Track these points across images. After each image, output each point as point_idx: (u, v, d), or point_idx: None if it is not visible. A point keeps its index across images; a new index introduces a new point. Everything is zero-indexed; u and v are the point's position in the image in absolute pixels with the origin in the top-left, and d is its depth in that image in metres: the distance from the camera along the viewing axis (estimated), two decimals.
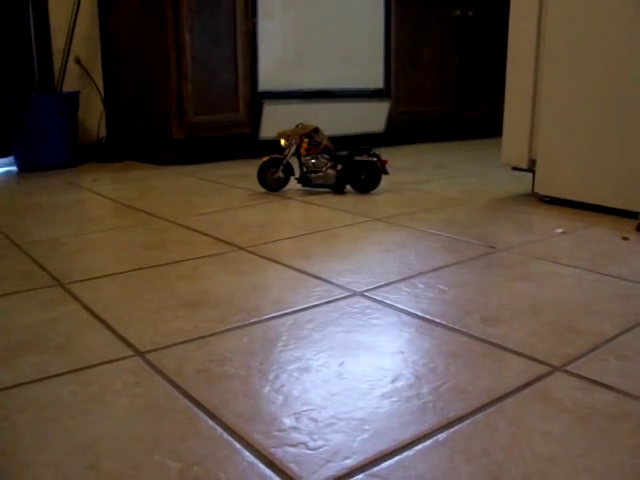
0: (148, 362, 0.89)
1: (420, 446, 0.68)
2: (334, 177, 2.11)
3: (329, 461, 0.65)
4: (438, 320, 1.03)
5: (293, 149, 2.10)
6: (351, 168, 2.10)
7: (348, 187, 2.14)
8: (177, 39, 2.71)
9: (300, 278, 1.25)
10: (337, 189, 2.12)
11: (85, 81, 3.07)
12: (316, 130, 2.11)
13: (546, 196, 1.93)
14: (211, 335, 0.98)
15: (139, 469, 0.65)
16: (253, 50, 2.90)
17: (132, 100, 3.05)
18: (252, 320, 1.03)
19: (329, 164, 2.11)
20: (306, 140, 2.09)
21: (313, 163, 2.11)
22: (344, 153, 2.11)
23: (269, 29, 2.91)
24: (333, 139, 2.21)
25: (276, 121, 2.93)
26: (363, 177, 2.10)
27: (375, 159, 2.09)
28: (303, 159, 2.11)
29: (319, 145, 2.11)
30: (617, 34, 1.66)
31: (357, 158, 2.08)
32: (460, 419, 0.73)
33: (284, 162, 2.11)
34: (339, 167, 2.10)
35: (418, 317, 1.04)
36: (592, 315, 1.04)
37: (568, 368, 0.86)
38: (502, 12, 3.56)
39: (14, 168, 2.86)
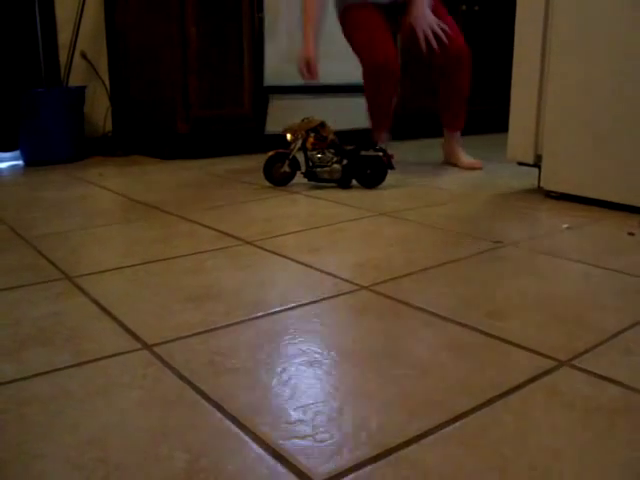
0: (155, 355, 0.89)
1: (426, 440, 0.68)
2: (340, 172, 2.10)
3: (336, 454, 0.66)
4: (444, 314, 1.03)
5: (299, 143, 2.09)
6: (357, 163, 2.10)
7: (354, 182, 2.14)
8: (183, 33, 2.71)
9: (306, 272, 1.25)
10: (343, 184, 2.12)
11: (91, 75, 3.08)
12: (322, 125, 2.11)
13: (552, 191, 1.93)
14: (218, 328, 0.98)
15: (147, 461, 0.65)
16: (259, 44, 2.89)
17: (138, 94, 3.05)
18: (259, 314, 1.04)
19: (335, 159, 2.11)
20: (312, 135, 2.09)
21: (319, 158, 2.11)
22: (350, 148, 2.11)
23: (275, 23, 2.91)
24: (339, 134, 2.21)
25: (281, 115, 2.93)
26: (369, 172, 2.10)
27: (381, 154, 2.09)
28: (309, 154, 2.11)
29: (325, 140, 2.11)
30: (624, 29, 1.66)
31: (363, 153, 2.08)
32: (466, 413, 0.73)
33: (290, 157, 2.11)
34: (345, 162, 2.10)
35: (424, 311, 1.04)
36: (598, 310, 1.04)
37: (574, 362, 0.86)
38: (508, 7, 3.55)
39: (20, 162, 2.86)
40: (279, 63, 2.95)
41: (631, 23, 1.64)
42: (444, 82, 2.50)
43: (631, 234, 1.50)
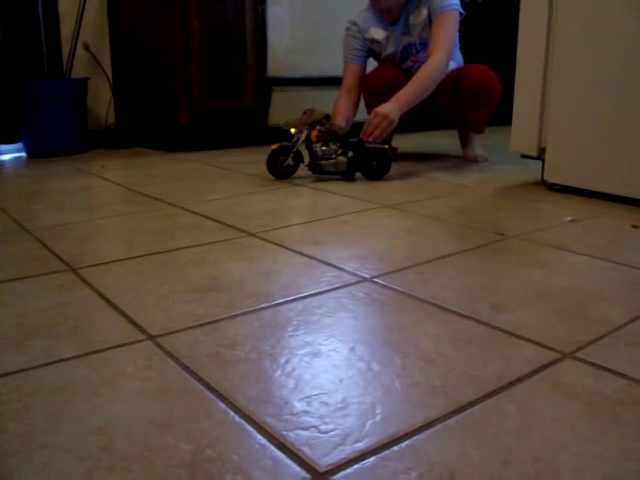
0: (159, 346, 0.89)
1: (431, 430, 0.68)
2: (345, 164, 2.10)
3: (340, 444, 0.66)
4: (448, 306, 1.03)
5: (303, 136, 2.09)
6: (362, 155, 2.09)
7: (358, 174, 2.14)
8: (186, 25, 2.70)
9: (310, 264, 1.25)
10: (347, 176, 2.12)
11: (94, 67, 3.07)
12: (328, 117, 2.10)
13: (556, 184, 1.92)
14: (222, 320, 0.98)
15: (152, 451, 0.65)
16: (262, 36, 2.89)
17: (140, 86, 3.05)
18: (262, 305, 1.04)
19: (339, 151, 2.10)
20: (317, 127, 2.08)
21: (323, 150, 2.10)
22: (354, 140, 2.11)
23: (278, 15, 2.90)
24: None
25: (285, 107, 2.92)
26: (374, 164, 2.10)
27: (386, 146, 2.08)
28: (313, 146, 2.10)
29: (331, 132, 2.10)
30: (629, 19, 1.65)
31: (368, 145, 2.08)
32: (470, 404, 0.73)
33: (294, 150, 2.10)
34: (350, 154, 2.10)
35: (428, 303, 1.04)
36: (602, 302, 1.04)
37: (578, 355, 0.86)
38: None
39: (23, 154, 2.87)
40: (282, 55, 2.95)
41: (637, 16, 1.63)
42: (471, 110, 2.44)
43: (635, 227, 1.50)
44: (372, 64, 2.53)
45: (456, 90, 2.35)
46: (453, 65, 2.40)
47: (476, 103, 2.37)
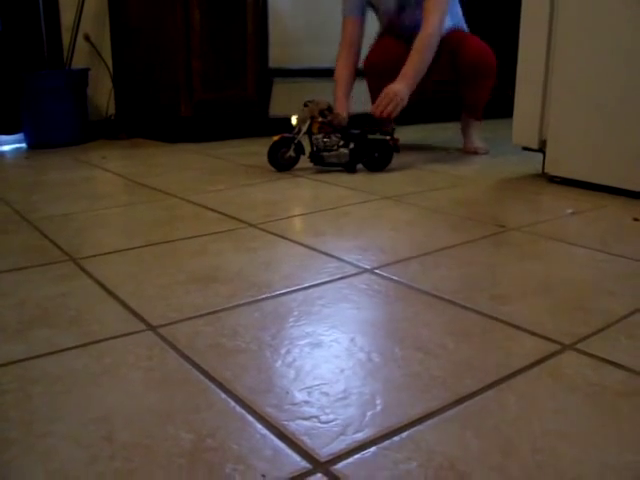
0: (160, 336, 0.89)
1: (430, 421, 0.68)
2: (347, 155, 2.09)
3: (341, 434, 0.66)
4: (448, 298, 1.03)
5: (305, 128, 2.08)
6: (364, 146, 2.09)
7: (359, 165, 2.13)
8: (186, 16, 2.69)
9: (311, 255, 1.25)
10: (349, 167, 2.11)
11: (94, 58, 3.06)
12: (330, 109, 2.10)
13: (556, 176, 1.92)
14: (222, 310, 0.98)
15: (153, 440, 0.65)
16: (263, 27, 2.87)
17: (141, 77, 3.04)
18: (263, 296, 1.04)
19: (341, 142, 2.09)
20: (320, 119, 2.08)
21: (324, 142, 2.09)
22: (356, 131, 2.10)
23: (279, 6, 2.88)
24: None
25: (286, 99, 2.92)
26: (376, 155, 2.10)
27: (388, 137, 2.08)
28: (314, 137, 2.09)
29: (333, 124, 2.09)
30: (631, 13, 1.64)
31: (370, 136, 2.08)
32: (470, 395, 0.73)
33: (296, 141, 2.10)
34: (351, 145, 2.09)
35: (428, 294, 1.04)
36: (602, 294, 1.04)
37: (578, 346, 0.86)
38: None
39: (23, 145, 2.86)
40: (283, 46, 2.94)
41: (638, 9, 1.63)
42: (468, 87, 2.48)
43: (636, 220, 1.50)
44: (368, 47, 2.52)
45: (454, 62, 2.40)
46: (449, 24, 2.41)
47: (473, 80, 2.42)
